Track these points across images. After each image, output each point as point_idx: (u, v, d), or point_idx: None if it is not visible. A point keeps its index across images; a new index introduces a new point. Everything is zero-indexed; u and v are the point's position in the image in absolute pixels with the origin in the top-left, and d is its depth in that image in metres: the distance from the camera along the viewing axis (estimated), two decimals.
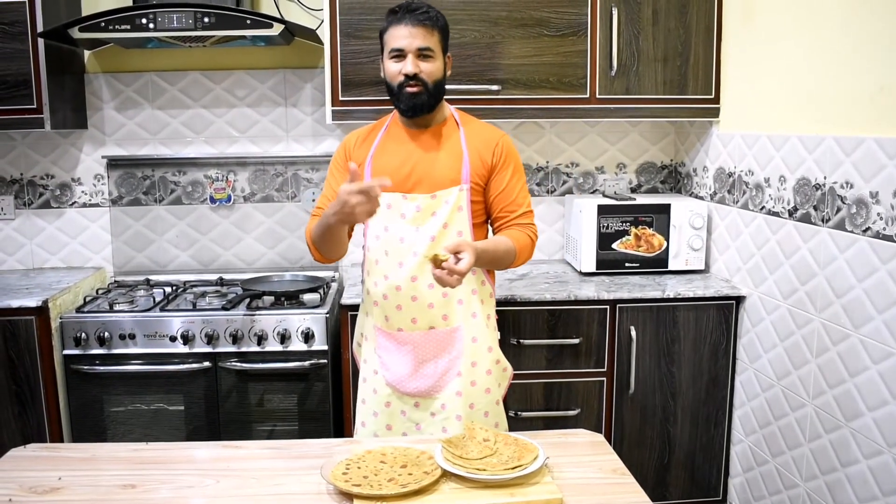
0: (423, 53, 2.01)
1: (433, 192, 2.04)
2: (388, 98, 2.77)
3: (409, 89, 2.01)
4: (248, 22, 2.61)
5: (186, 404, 2.68)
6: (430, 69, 2.02)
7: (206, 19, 2.60)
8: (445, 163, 2.07)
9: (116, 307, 2.73)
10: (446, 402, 2.07)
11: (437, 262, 1.81)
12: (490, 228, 2.21)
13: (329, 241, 1.99)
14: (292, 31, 2.76)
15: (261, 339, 2.65)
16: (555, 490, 1.49)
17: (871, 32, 2.07)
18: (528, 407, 2.72)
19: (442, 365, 2.07)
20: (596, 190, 3.32)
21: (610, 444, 1.80)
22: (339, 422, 2.78)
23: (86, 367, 2.64)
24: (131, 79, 3.14)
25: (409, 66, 2.00)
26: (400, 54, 2.01)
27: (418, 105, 2.03)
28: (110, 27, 2.60)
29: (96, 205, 3.21)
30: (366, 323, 2.18)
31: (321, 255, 2.07)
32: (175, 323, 2.65)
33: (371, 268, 2.10)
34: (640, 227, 2.91)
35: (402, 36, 2.00)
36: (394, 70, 2.02)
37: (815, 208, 2.30)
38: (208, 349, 2.65)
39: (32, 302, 2.61)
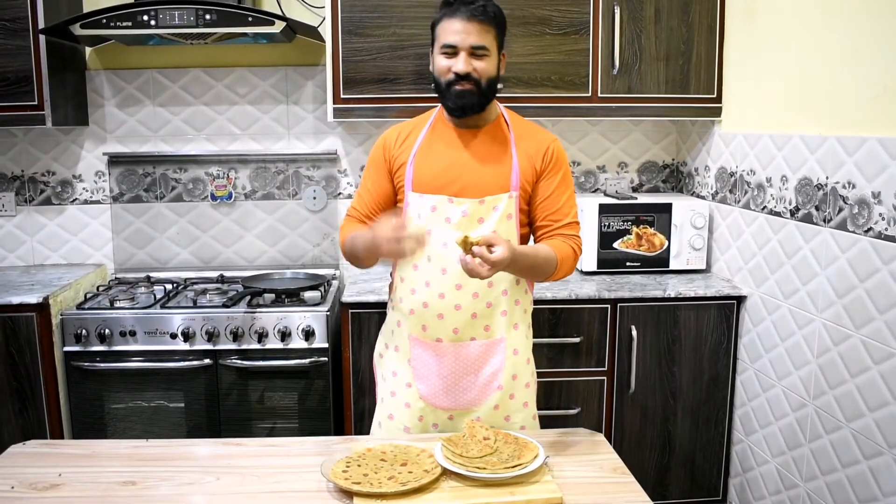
0: (476, 51, 1.86)
1: (481, 197, 1.90)
2: (389, 96, 2.80)
3: (459, 87, 1.86)
4: (250, 19, 2.60)
5: (187, 401, 2.68)
6: (484, 67, 1.87)
7: (207, 16, 2.60)
8: (495, 167, 1.93)
9: (117, 304, 2.73)
10: (482, 416, 1.94)
11: (467, 246, 1.64)
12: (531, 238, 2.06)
13: (361, 259, 1.90)
14: (294, 29, 2.75)
15: (261, 336, 2.65)
16: (555, 489, 1.49)
17: (875, 32, 2.07)
18: None
19: (482, 378, 1.94)
20: (597, 189, 3.31)
21: (610, 443, 1.80)
22: (339, 420, 2.78)
23: (86, 364, 2.64)
24: (132, 76, 3.14)
25: (461, 64, 1.85)
26: (452, 50, 1.86)
27: (468, 105, 1.89)
28: (112, 24, 2.60)
29: (97, 202, 3.21)
30: (397, 333, 2.01)
31: (355, 265, 1.98)
32: (176, 320, 2.65)
33: (408, 274, 1.95)
34: (642, 226, 2.91)
35: (456, 31, 1.84)
36: (444, 66, 1.88)
37: (817, 208, 2.30)
38: (209, 346, 2.65)
39: (33, 298, 2.61)
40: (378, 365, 2.11)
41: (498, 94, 2.74)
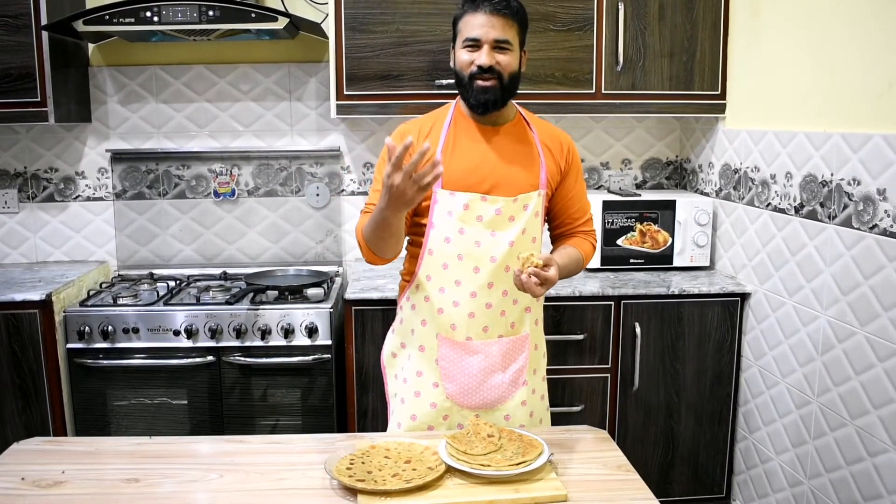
0: (499, 45, 1.85)
1: (513, 195, 1.90)
2: (392, 93, 2.80)
3: (482, 82, 1.85)
4: (253, 15, 2.60)
5: (190, 399, 2.68)
6: (507, 61, 1.86)
7: (210, 13, 2.59)
8: (524, 165, 1.93)
9: (120, 301, 2.73)
10: (511, 413, 1.95)
11: (528, 264, 1.70)
12: (548, 233, 2.11)
13: (386, 237, 1.78)
14: (297, 25, 2.75)
15: (264, 333, 2.65)
16: (559, 486, 1.49)
17: (880, 28, 2.06)
18: None
19: (509, 375, 1.95)
20: (601, 185, 3.31)
21: (613, 440, 1.80)
22: (342, 417, 2.78)
23: (89, 361, 2.64)
24: (135, 72, 3.13)
25: (484, 57, 1.84)
26: (475, 44, 1.85)
27: (490, 101, 1.88)
28: (114, 20, 2.60)
29: (100, 198, 3.21)
30: (420, 332, 1.97)
31: (375, 254, 1.85)
32: (179, 317, 2.65)
33: (435, 272, 1.91)
34: (645, 223, 2.90)
35: (479, 24, 1.83)
36: (466, 60, 1.87)
37: (822, 205, 2.29)
38: (212, 343, 2.65)
39: (36, 295, 2.61)
40: (390, 364, 2.08)
41: None
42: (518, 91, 2.79)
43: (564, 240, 2.07)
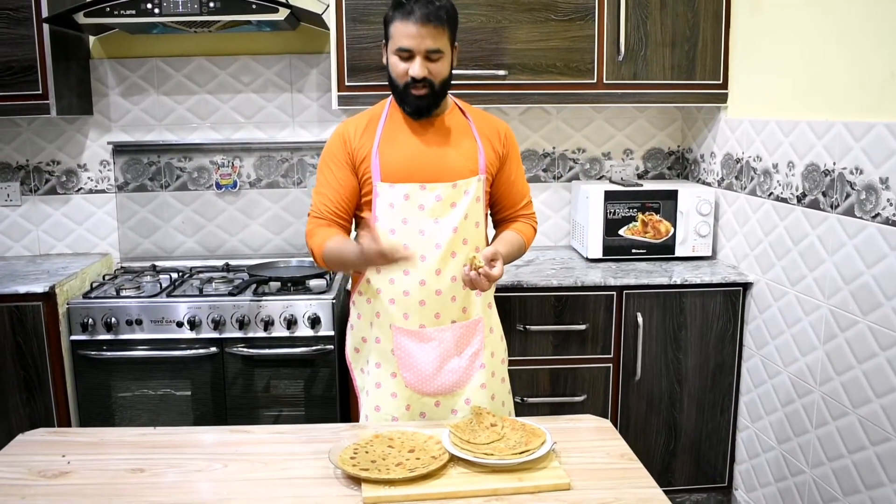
0: (431, 55, 1.89)
1: (453, 181, 1.96)
2: None
3: (415, 92, 1.91)
4: (254, 7, 2.59)
5: (193, 390, 2.69)
6: (439, 69, 1.91)
7: (211, 4, 2.59)
8: (461, 153, 2.00)
9: (123, 293, 2.73)
10: (471, 397, 2.00)
11: (472, 265, 1.81)
12: (490, 219, 2.17)
13: (347, 271, 1.97)
14: (298, 16, 2.74)
15: (267, 324, 2.65)
16: (562, 475, 1.49)
17: (883, 17, 2.05)
18: (534, 393, 2.72)
19: (466, 359, 2.01)
20: (602, 176, 3.30)
21: (616, 430, 1.80)
22: (345, 407, 2.79)
23: (93, 353, 2.64)
24: (136, 64, 3.13)
25: (417, 68, 1.88)
26: (408, 54, 1.89)
27: (423, 107, 1.94)
28: (115, 12, 2.59)
29: (102, 191, 3.21)
30: (377, 324, 2.03)
31: (330, 268, 2.01)
32: (181, 309, 2.66)
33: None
34: (647, 213, 2.90)
35: (411, 35, 1.86)
36: (400, 69, 1.91)
37: (824, 194, 2.29)
38: (215, 335, 2.66)
39: (39, 288, 2.61)
40: (354, 360, 2.14)
41: (502, 81, 2.77)
42: (519, 81, 2.82)
43: (507, 224, 2.15)
